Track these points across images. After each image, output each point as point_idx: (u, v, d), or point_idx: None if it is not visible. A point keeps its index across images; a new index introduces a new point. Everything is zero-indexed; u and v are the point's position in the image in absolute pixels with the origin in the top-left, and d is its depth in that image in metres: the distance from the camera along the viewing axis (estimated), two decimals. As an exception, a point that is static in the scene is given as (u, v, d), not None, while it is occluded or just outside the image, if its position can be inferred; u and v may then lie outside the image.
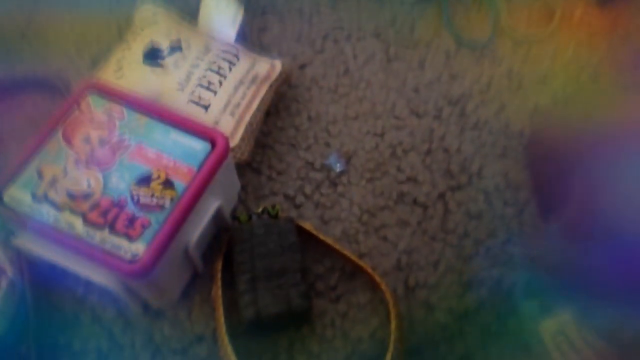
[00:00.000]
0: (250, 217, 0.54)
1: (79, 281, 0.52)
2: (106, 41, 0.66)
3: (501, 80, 0.66)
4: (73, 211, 0.46)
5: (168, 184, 0.48)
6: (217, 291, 0.52)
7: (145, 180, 0.48)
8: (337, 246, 0.55)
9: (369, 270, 0.53)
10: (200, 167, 0.48)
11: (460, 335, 0.52)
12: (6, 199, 0.46)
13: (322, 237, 0.55)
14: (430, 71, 0.66)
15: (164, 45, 0.58)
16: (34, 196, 0.46)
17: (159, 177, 0.48)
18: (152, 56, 0.57)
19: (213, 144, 0.50)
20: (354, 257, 0.54)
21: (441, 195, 0.59)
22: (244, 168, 0.59)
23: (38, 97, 0.62)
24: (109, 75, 0.57)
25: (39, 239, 0.46)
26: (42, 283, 0.52)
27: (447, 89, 0.65)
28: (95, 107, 0.51)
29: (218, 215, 0.52)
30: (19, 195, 0.46)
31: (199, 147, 0.49)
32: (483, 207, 0.58)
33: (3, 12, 0.68)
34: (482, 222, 0.58)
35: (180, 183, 0.48)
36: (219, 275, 0.52)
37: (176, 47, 0.57)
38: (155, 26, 0.59)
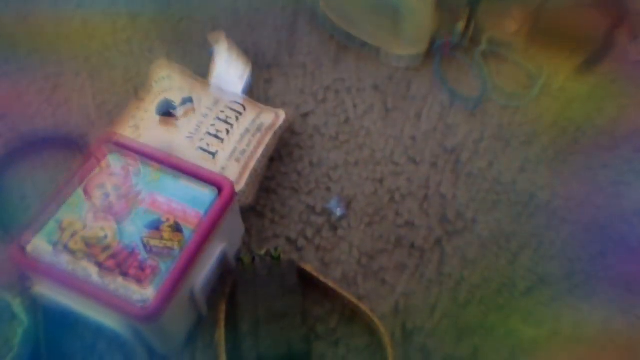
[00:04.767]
0: (253, 260, 0.57)
1: (90, 328, 0.54)
2: (123, 98, 0.69)
3: (491, 136, 0.69)
4: (89, 259, 0.48)
5: (177, 228, 0.50)
6: (221, 335, 0.53)
7: (155, 226, 0.50)
8: (337, 288, 0.56)
9: (368, 313, 0.55)
10: (207, 211, 0.51)
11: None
12: (29, 249, 0.49)
13: (322, 279, 0.57)
14: (426, 122, 0.70)
15: (177, 100, 0.62)
16: (54, 246, 0.49)
17: (168, 220, 0.50)
18: (165, 109, 0.61)
19: (220, 190, 0.52)
20: (353, 300, 0.56)
21: (438, 240, 0.61)
22: (248, 212, 0.62)
23: (59, 154, 0.64)
24: (125, 130, 0.60)
25: (57, 285, 0.48)
26: (55, 330, 0.53)
27: (442, 139, 0.68)
28: (113, 161, 0.54)
29: (223, 259, 0.54)
30: (41, 245, 0.49)
31: (206, 192, 0.52)
32: (478, 252, 0.60)
33: (26, 77, 0.71)
34: (477, 267, 0.60)
35: (188, 227, 0.50)
36: (223, 318, 0.54)
37: (187, 99, 0.61)
38: (168, 82, 0.63)
